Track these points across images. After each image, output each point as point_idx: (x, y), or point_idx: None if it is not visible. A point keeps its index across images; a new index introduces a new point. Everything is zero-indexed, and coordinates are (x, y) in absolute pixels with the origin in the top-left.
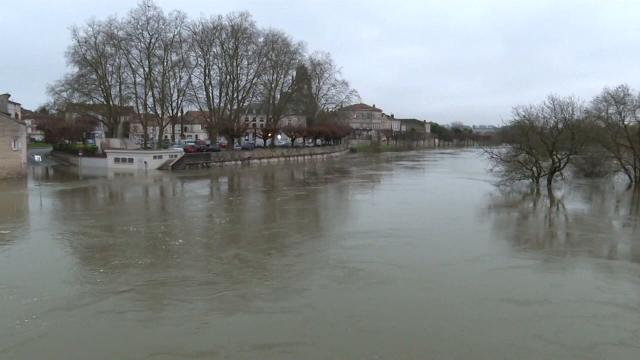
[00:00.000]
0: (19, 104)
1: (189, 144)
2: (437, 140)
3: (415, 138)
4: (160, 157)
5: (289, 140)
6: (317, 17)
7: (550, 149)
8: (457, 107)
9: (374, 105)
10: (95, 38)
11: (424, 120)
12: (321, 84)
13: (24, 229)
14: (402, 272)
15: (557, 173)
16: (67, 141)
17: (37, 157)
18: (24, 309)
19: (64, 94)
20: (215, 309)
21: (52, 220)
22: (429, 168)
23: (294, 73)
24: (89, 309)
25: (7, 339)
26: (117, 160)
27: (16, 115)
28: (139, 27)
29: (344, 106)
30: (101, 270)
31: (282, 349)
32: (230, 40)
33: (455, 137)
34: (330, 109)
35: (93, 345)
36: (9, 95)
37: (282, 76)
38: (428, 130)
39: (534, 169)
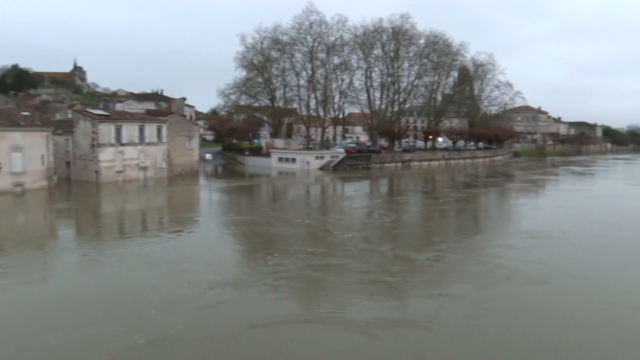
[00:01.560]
0: (193, 107)
1: (350, 145)
2: (609, 145)
3: (585, 142)
4: (322, 157)
5: (450, 142)
6: (480, 15)
7: None
8: (635, 109)
9: (539, 108)
10: (262, 43)
11: (595, 123)
12: (484, 85)
13: (199, 219)
14: (554, 272)
15: None
16: (234, 141)
17: (208, 156)
18: (207, 283)
19: (233, 97)
20: (361, 293)
21: (223, 213)
22: (600, 174)
23: (456, 74)
24: (256, 284)
25: (195, 303)
26: (280, 159)
27: (191, 116)
28: (302, 31)
29: (507, 108)
30: (275, 255)
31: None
32: (391, 42)
33: (632, 141)
34: (493, 111)
35: (251, 311)
36: (185, 99)
37: (443, 78)
38: (599, 133)
39: None
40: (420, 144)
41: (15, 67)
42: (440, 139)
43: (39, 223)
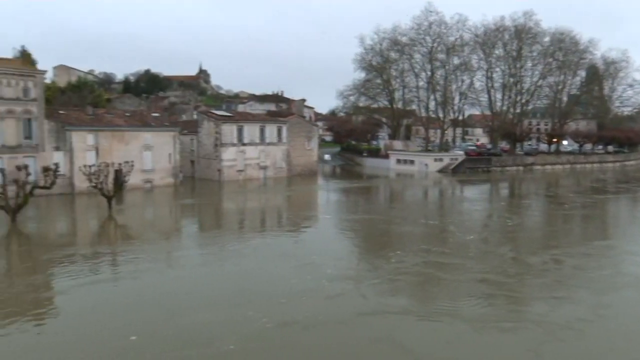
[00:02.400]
0: (313, 108)
1: (470, 147)
2: None
3: None
4: (440, 159)
5: (576, 145)
6: (613, 9)
7: None
8: None
9: None
10: (381, 45)
11: None
12: (615, 84)
13: (320, 217)
14: None
15: None
16: (353, 142)
17: (327, 156)
18: (329, 276)
19: (352, 98)
20: (474, 292)
21: (343, 211)
22: None
23: (583, 73)
24: (375, 278)
25: (320, 294)
26: (399, 161)
27: (310, 117)
28: (421, 32)
29: None
30: (398, 252)
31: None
32: (513, 41)
33: None
34: (625, 112)
35: (367, 301)
36: (304, 100)
37: (569, 77)
38: None
39: None
40: (543, 146)
41: (147, 72)
42: (565, 142)
43: (168, 217)
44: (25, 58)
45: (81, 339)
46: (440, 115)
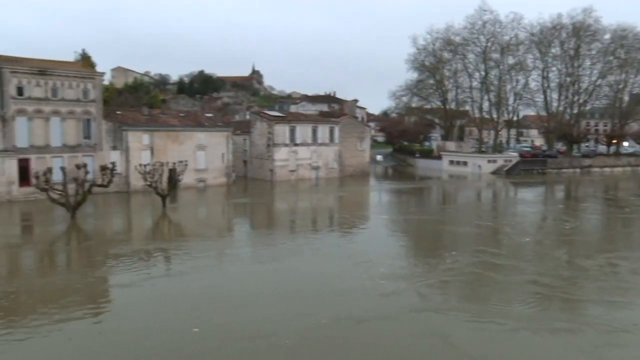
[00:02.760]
0: (365, 108)
1: (524, 149)
2: None
3: None
4: (494, 161)
5: (638, 147)
6: None
7: None
8: None
9: None
10: (434, 45)
11: None
12: None
13: (374, 218)
14: None
15: None
16: (405, 143)
17: (379, 157)
18: (384, 275)
19: (404, 99)
20: (526, 293)
21: (397, 212)
22: None
23: None
24: (428, 278)
25: (373, 292)
26: (451, 162)
27: (362, 118)
28: (475, 31)
29: None
30: (453, 253)
31: None
32: (571, 39)
33: None
34: None
35: (419, 299)
36: (357, 101)
37: (632, 76)
38: None
39: None
40: (602, 148)
41: (201, 73)
42: (625, 144)
43: (221, 215)
44: (85, 61)
45: (145, 330)
46: (494, 116)
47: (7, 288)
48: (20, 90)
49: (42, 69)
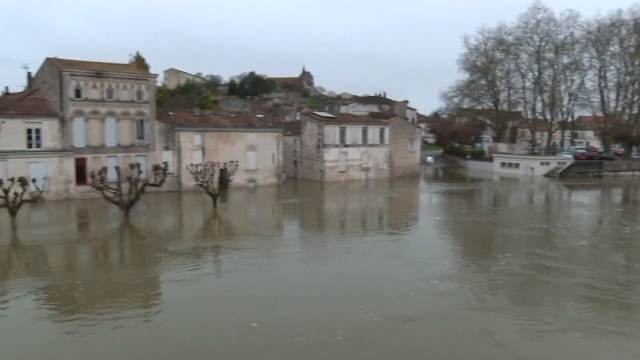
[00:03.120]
0: (415, 109)
1: (579, 151)
2: None
3: None
4: (547, 163)
5: None
6: None
7: None
8: None
9: None
10: (485, 45)
11: None
12: None
13: (425, 219)
14: None
15: None
16: (456, 144)
17: (429, 159)
18: (433, 275)
19: (455, 100)
20: (578, 297)
21: (448, 214)
22: None
23: None
24: (479, 279)
25: (426, 291)
26: (503, 164)
27: (413, 119)
28: (528, 30)
29: None
30: (506, 254)
31: None
32: (631, 36)
33: None
34: None
35: (468, 299)
36: (407, 102)
37: None
38: None
39: None
40: None
41: (252, 74)
42: None
43: (272, 215)
44: (139, 63)
45: (204, 324)
46: (548, 117)
47: (75, 280)
48: (78, 92)
49: (99, 71)
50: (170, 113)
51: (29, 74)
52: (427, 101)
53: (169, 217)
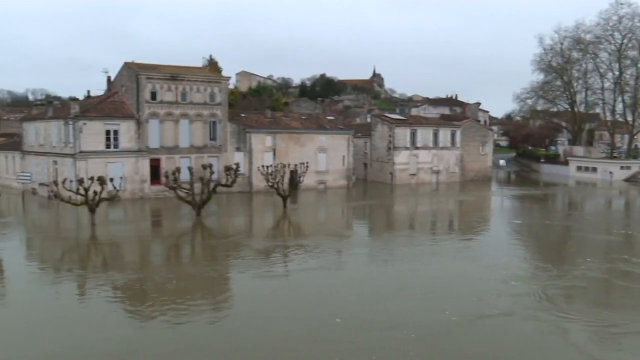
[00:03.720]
0: (488, 112)
1: None
2: None
3: None
4: (628, 167)
5: None
6: None
7: None
8: None
9: None
10: (561, 44)
11: None
12: None
13: (499, 222)
14: None
15: None
16: (529, 147)
17: (501, 162)
18: (511, 277)
19: (529, 101)
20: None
21: (523, 217)
22: None
23: None
24: (553, 282)
25: (505, 293)
26: (579, 168)
27: (485, 122)
28: (608, 28)
29: None
30: (588, 259)
31: None
32: None
33: None
34: None
35: (536, 302)
36: (479, 104)
37: None
38: None
39: None
40: None
41: (322, 76)
42: None
43: (342, 217)
44: (212, 66)
45: (289, 318)
46: (629, 118)
47: (167, 274)
48: (153, 95)
49: (174, 74)
50: (242, 115)
51: (108, 78)
52: (499, 103)
53: (240, 217)
